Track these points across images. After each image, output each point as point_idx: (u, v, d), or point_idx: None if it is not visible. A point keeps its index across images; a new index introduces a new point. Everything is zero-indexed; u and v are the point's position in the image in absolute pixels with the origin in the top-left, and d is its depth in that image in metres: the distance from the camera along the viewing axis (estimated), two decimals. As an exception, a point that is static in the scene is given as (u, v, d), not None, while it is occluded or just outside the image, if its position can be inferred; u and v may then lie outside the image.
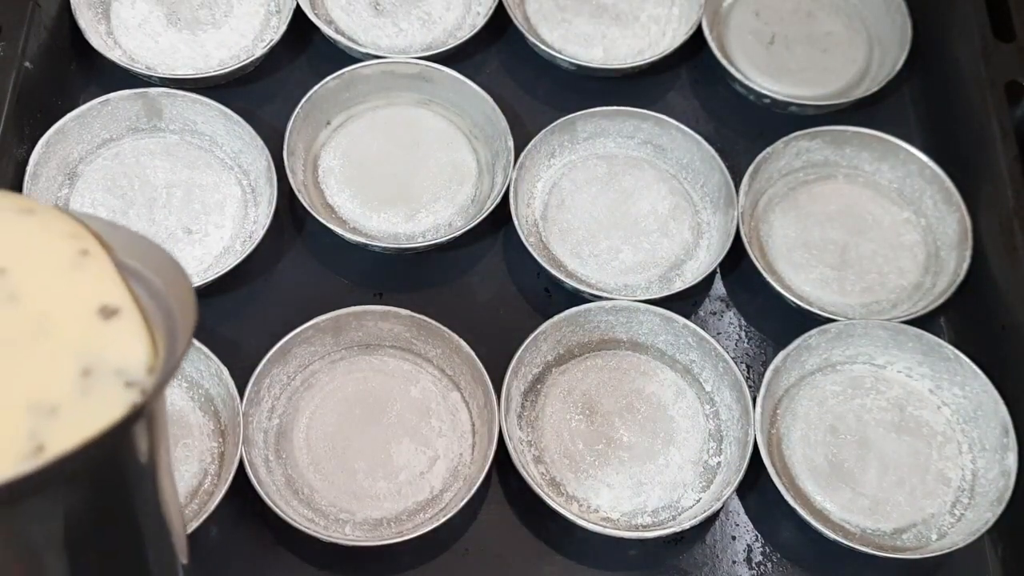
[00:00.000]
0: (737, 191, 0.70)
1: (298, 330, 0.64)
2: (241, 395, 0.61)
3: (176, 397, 0.63)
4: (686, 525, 0.60)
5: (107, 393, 0.31)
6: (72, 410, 0.31)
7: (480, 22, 0.76)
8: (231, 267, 0.66)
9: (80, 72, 0.74)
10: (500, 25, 0.77)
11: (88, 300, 0.33)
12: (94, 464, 0.31)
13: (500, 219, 0.70)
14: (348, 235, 0.68)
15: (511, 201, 0.69)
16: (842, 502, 0.63)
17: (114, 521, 0.35)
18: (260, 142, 0.69)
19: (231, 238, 0.69)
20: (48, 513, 0.32)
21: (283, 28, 0.74)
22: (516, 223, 0.68)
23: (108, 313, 0.33)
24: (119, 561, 0.36)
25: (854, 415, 0.66)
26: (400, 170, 0.72)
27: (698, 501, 0.63)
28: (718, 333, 0.70)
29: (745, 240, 0.69)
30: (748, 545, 0.64)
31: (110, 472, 0.33)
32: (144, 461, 0.34)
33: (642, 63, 0.76)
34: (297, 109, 0.70)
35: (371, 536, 0.60)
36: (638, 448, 0.64)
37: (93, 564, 0.35)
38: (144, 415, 0.32)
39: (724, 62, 0.76)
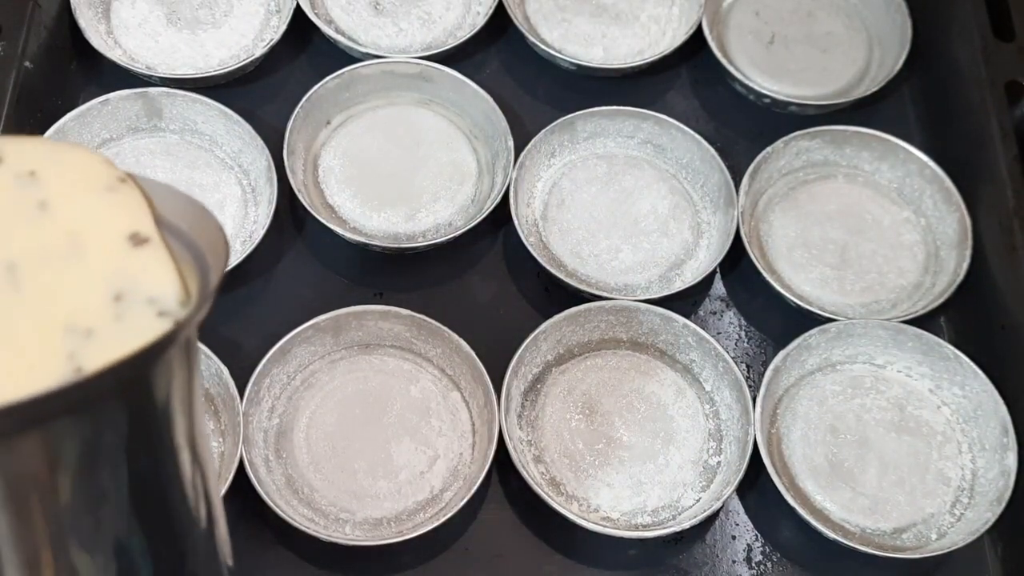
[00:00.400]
0: (737, 191, 0.70)
1: (298, 330, 0.64)
2: (241, 395, 0.61)
3: (176, 397, 0.63)
4: (686, 525, 0.60)
5: (140, 320, 0.31)
6: (107, 334, 0.31)
7: (480, 22, 0.76)
8: (231, 267, 0.66)
9: (80, 72, 0.74)
10: (500, 25, 0.77)
11: (120, 224, 0.34)
12: (130, 387, 0.31)
13: (500, 219, 0.70)
14: (348, 235, 0.68)
15: (511, 201, 0.69)
16: (842, 502, 0.63)
17: (146, 460, 0.34)
18: (260, 142, 0.69)
19: (231, 238, 0.69)
20: (82, 439, 0.32)
21: (283, 28, 0.74)
22: (516, 223, 0.68)
23: (138, 241, 0.33)
24: (150, 518, 0.36)
25: (854, 415, 0.66)
26: (400, 170, 0.72)
27: (698, 501, 0.63)
28: (718, 333, 0.70)
29: (745, 240, 0.69)
30: (748, 545, 0.64)
31: (146, 403, 0.33)
32: (178, 404, 0.34)
33: (642, 63, 0.76)
34: (297, 109, 0.70)
35: (371, 536, 0.61)
36: (638, 448, 0.64)
37: (120, 503, 0.34)
38: (177, 344, 0.32)
39: (724, 62, 0.76)
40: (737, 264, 0.71)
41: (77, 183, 0.35)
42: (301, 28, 0.76)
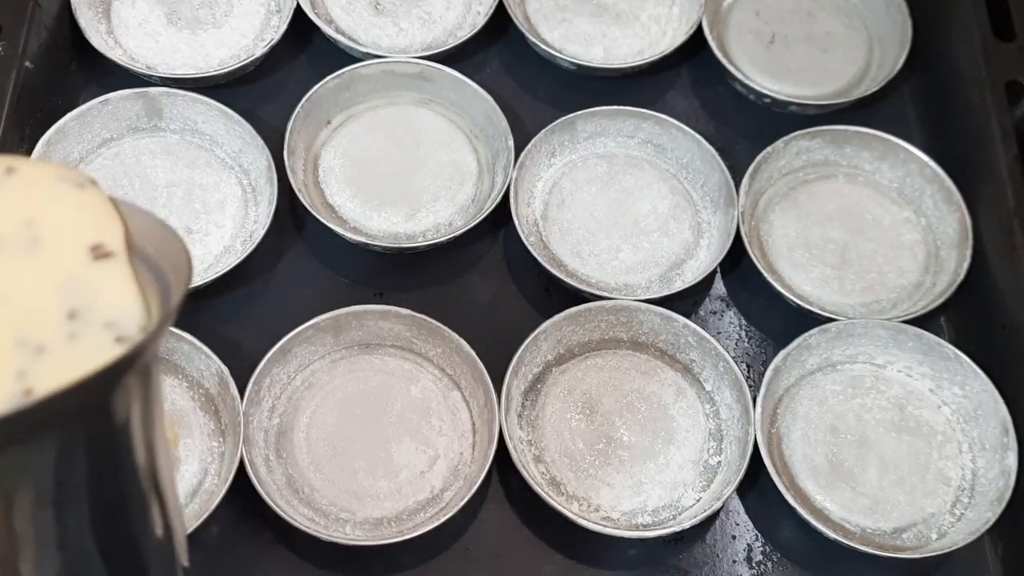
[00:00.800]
0: (737, 191, 0.70)
1: (298, 330, 0.64)
2: (241, 395, 0.61)
3: (177, 397, 0.63)
4: (686, 525, 0.60)
5: (96, 343, 0.30)
6: (59, 354, 0.30)
7: (480, 22, 0.76)
8: (231, 267, 0.66)
9: (80, 72, 0.74)
10: (500, 25, 0.77)
11: (84, 230, 0.32)
12: (83, 413, 0.30)
13: (500, 219, 0.70)
14: (348, 235, 0.68)
15: (511, 201, 0.69)
16: (842, 501, 0.63)
17: (103, 489, 0.33)
18: (260, 142, 0.69)
19: (231, 238, 0.69)
20: (34, 467, 0.30)
21: (283, 28, 0.74)
22: (516, 223, 0.68)
23: (100, 254, 0.32)
24: (109, 537, 0.35)
25: (854, 414, 0.66)
26: (400, 170, 0.72)
27: (698, 500, 0.63)
28: (718, 332, 0.70)
29: (745, 240, 0.69)
30: (748, 544, 0.64)
31: (100, 429, 0.31)
32: (136, 429, 0.32)
33: (642, 63, 0.76)
34: (297, 109, 0.70)
35: (371, 535, 0.61)
36: (638, 447, 0.64)
37: (77, 531, 0.33)
38: (135, 370, 0.30)
39: (724, 62, 0.76)
40: (737, 264, 0.71)
41: (47, 171, 0.34)
42: (301, 28, 0.76)
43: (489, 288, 0.70)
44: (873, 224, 0.73)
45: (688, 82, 0.79)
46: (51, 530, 0.32)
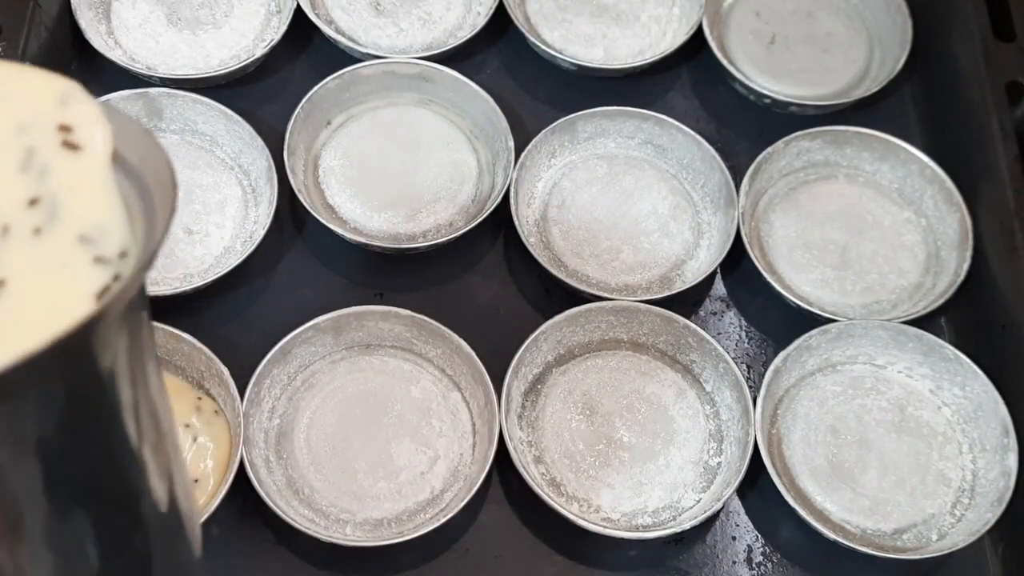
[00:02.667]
0: (737, 191, 0.70)
1: (298, 330, 0.64)
2: (241, 395, 0.61)
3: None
4: (686, 525, 0.60)
5: (66, 256, 0.27)
6: (24, 245, 0.27)
7: (480, 22, 0.76)
8: (232, 267, 0.66)
9: (80, 72, 0.74)
10: (501, 25, 0.77)
11: (52, 107, 0.29)
12: (58, 365, 0.27)
13: (500, 219, 0.70)
14: (348, 235, 0.68)
15: (511, 201, 0.69)
16: (842, 502, 0.63)
17: (90, 451, 0.30)
18: (260, 142, 0.69)
19: (232, 238, 0.69)
20: (16, 425, 0.28)
21: (283, 28, 0.74)
22: (516, 223, 0.68)
23: (71, 144, 0.29)
24: (101, 506, 0.32)
25: (854, 415, 0.66)
26: (401, 170, 0.72)
27: (698, 501, 0.63)
28: (718, 333, 0.70)
29: (745, 240, 0.69)
30: (748, 545, 0.64)
31: (78, 381, 0.28)
32: (122, 379, 0.29)
33: (643, 63, 0.76)
34: (297, 109, 0.70)
35: (371, 536, 0.61)
36: (638, 448, 0.64)
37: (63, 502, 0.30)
38: (119, 311, 0.27)
39: (724, 62, 0.76)
40: (738, 265, 0.71)
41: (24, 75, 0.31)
42: (301, 28, 0.76)
43: (489, 288, 0.70)
44: (873, 225, 0.73)
45: (688, 82, 0.79)
46: (36, 499, 0.30)
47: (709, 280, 0.71)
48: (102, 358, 0.28)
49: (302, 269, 0.70)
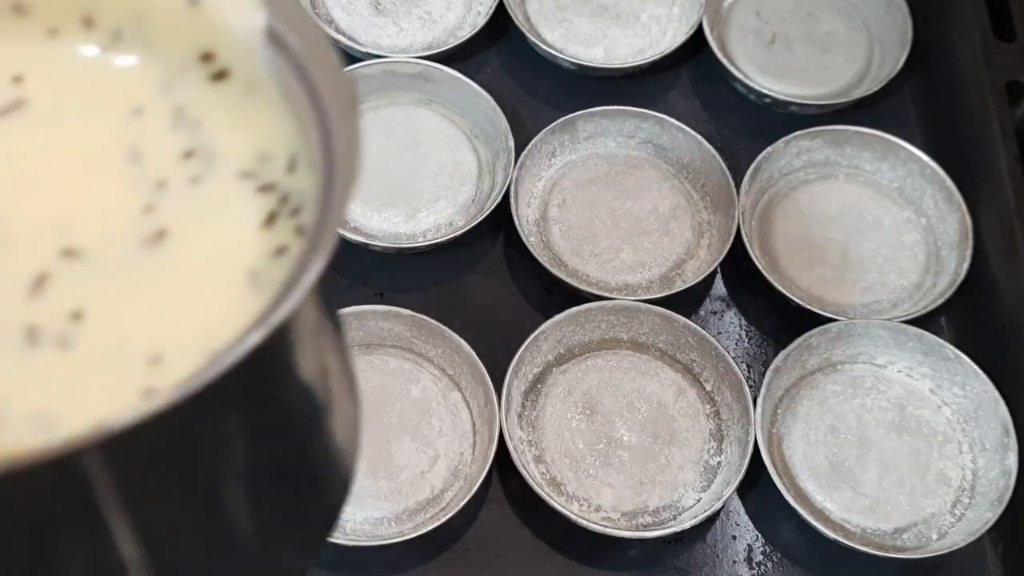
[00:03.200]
0: (737, 191, 0.70)
1: (298, 330, 0.63)
2: (242, 395, 0.61)
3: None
4: (686, 525, 0.60)
5: (227, 196, 0.26)
6: (184, 196, 0.26)
7: (481, 22, 0.76)
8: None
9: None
10: (501, 25, 0.77)
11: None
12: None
13: (500, 219, 0.70)
14: (348, 235, 0.68)
15: (511, 201, 0.69)
16: (842, 502, 0.63)
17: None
18: (260, 142, 0.69)
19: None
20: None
21: (283, 28, 0.74)
22: (516, 223, 0.68)
23: (220, 75, 0.28)
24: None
25: (854, 415, 0.66)
26: (400, 169, 0.72)
27: (699, 501, 0.63)
28: (719, 333, 0.70)
29: (746, 240, 0.69)
30: (748, 545, 0.64)
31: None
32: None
33: (643, 63, 0.76)
34: (297, 109, 0.70)
35: (371, 536, 0.61)
36: (638, 448, 0.64)
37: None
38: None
39: (725, 62, 0.76)
40: (738, 264, 0.71)
41: None
42: (301, 28, 0.76)
43: (489, 288, 0.70)
44: (873, 224, 0.73)
45: (688, 82, 0.79)
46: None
47: (709, 280, 0.71)
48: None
49: (302, 269, 0.70)
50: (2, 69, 0.30)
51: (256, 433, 0.27)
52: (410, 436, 0.63)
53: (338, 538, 0.59)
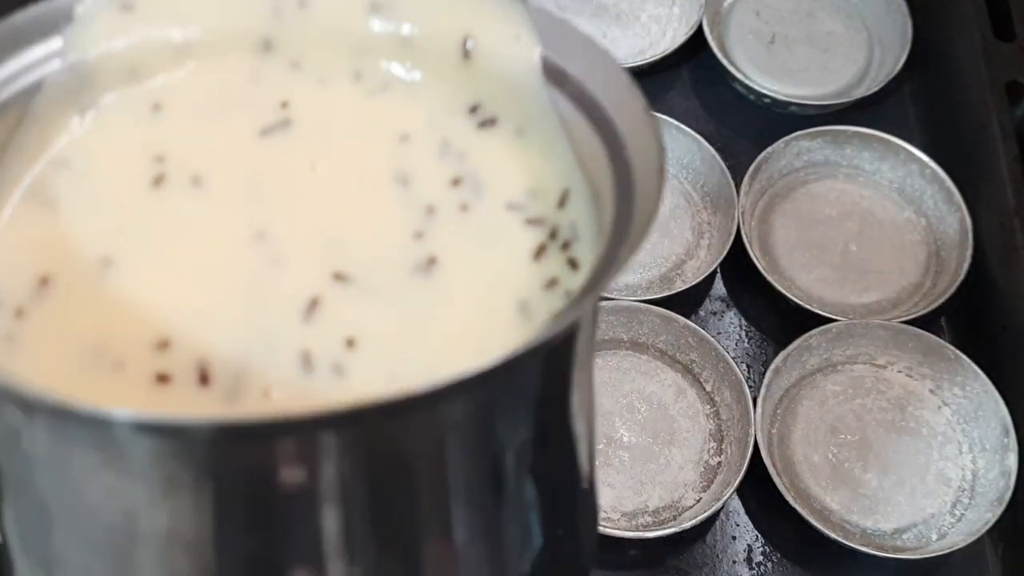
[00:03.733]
0: (737, 191, 0.70)
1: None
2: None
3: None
4: (686, 525, 0.60)
5: (496, 226, 0.27)
6: (452, 222, 0.27)
7: (480, 22, 0.76)
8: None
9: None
10: (500, 25, 0.77)
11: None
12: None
13: (500, 219, 0.70)
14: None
15: (511, 201, 0.69)
16: (842, 502, 0.63)
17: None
18: (260, 142, 0.69)
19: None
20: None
21: (283, 28, 0.74)
22: (516, 223, 0.68)
23: (487, 122, 0.29)
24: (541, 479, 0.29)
25: (854, 415, 0.66)
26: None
27: (698, 501, 0.63)
28: (718, 333, 0.70)
29: (746, 240, 0.69)
30: (748, 545, 0.64)
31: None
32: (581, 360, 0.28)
33: (642, 63, 0.76)
34: (297, 109, 0.70)
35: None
36: (638, 448, 0.64)
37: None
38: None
39: (725, 62, 0.76)
40: (738, 264, 0.71)
41: None
42: (301, 28, 0.76)
43: (489, 288, 0.70)
44: (873, 224, 0.73)
45: (688, 82, 0.79)
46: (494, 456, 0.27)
47: (709, 280, 0.71)
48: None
49: (302, 269, 0.70)
50: (269, 97, 0.32)
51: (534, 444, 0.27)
52: (410, 436, 0.63)
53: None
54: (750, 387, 0.64)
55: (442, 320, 0.27)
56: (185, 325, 0.27)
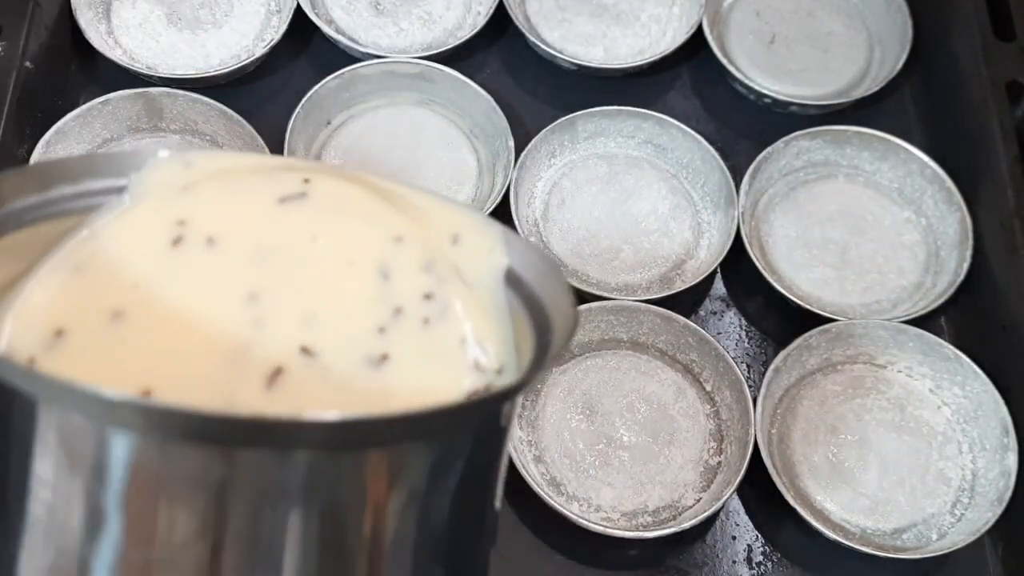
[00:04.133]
0: (737, 191, 0.70)
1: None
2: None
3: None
4: (686, 525, 0.60)
5: (447, 350, 0.31)
6: (412, 332, 0.31)
7: (480, 22, 0.76)
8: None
9: (80, 72, 0.74)
10: (501, 25, 0.77)
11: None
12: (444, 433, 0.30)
13: (500, 219, 0.69)
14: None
15: (511, 201, 0.69)
16: (842, 502, 0.63)
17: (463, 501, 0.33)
18: (261, 142, 0.69)
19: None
20: (421, 466, 0.30)
21: (283, 28, 0.74)
22: (516, 223, 0.68)
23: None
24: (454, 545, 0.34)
25: (854, 415, 0.66)
26: (401, 170, 0.72)
27: (698, 501, 0.63)
28: (718, 333, 0.70)
29: (745, 240, 0.69)
30: (748, 545, 0.64)
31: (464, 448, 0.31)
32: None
33: (643, 63, 0.76)
34: (298, 109, 0.70)
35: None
36: (638, 448, 0.64)
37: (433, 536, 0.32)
38: (498, 415, 0.31)
39: (724, 62, 0.76)
40: (738, 264, 0.71)
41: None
42: (301, 28, 0.76)
43: (489, 288, 0.70)
44: (873, 224, 0.73)
45: (688, 82, 0.79)
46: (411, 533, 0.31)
47: (709, 280, 0.71)
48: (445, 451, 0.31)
49: (302, 269, 0.70)
50: (296, 176, 0.36)
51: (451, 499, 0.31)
52: (410, 436, 0.63)
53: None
54: (750, 387, 0.64)
55: (379, 408, 0.31)
56: (168, 376, 0.31)
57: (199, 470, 0.27)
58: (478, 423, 0.31)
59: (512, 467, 0.61)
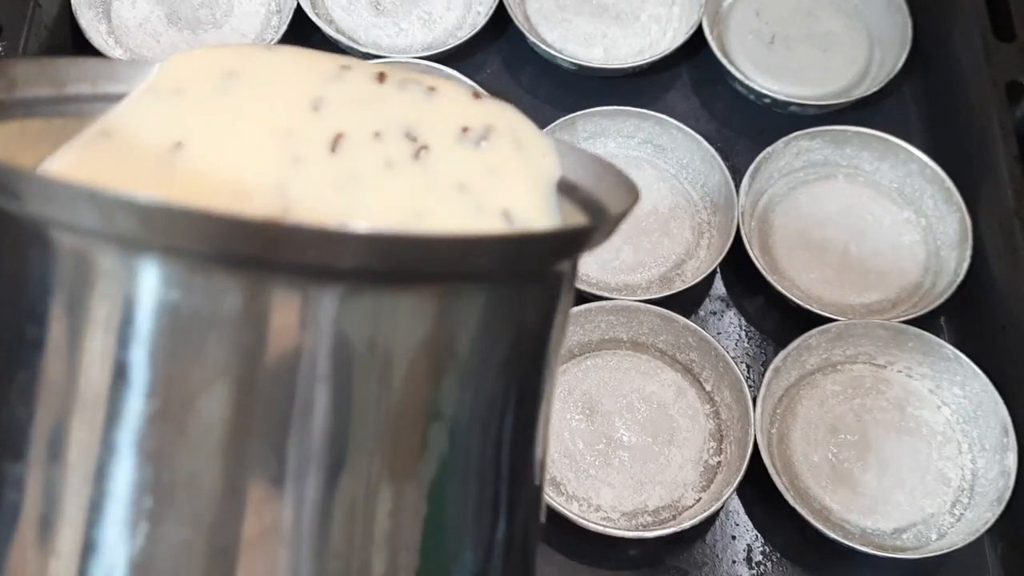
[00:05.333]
0: (737, 191, 0.70)
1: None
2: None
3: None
4: (686, 525, 0.60)
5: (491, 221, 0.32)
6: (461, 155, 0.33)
7: (481, 22, 0.76)
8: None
9: (81, 72, 0.74)
10: (500, 25, 0.77)
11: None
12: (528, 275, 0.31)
13: (500, 219, 0.70)
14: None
15: (511, 201, 0.69)
16: (842, 502, 0.63)
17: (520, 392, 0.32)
18: (260, 142, 0.69)
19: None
20: (476, 318, 0.30)
21: (283, 28, 0.74)
22: (516, 223, 0.68)
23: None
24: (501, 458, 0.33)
25: (854, 415, 0.66)
26: (400, 170, 0.72)
27: (698, 501, 0.63)
28: (718, 333, 0.70)
29: (745, 240, 0.69)
30: (748, 545, 0.64)
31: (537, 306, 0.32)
32: (555, 338, 0.33)
33: (642, 63, 0.76)
34: (297, 109, 0.70)
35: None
36: (638, 448, 0.64)
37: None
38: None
39: (724, 62, 0.76)
40: (737, 264, 0.71)
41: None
42: (301, 28, 0.76)
43: (489, 288, 0.70)
44: (873, 224, 0.73)
45: (688, 82, 0.79)
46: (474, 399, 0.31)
47: (709, 280, 0.71)
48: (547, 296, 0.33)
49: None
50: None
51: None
52: (410, 436, 0.63)
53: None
54: (750, 387, 0.64)
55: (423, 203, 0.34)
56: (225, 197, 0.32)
57: (237, 304, 0.26)
58: (543, 271, 0.32)
59: (512, 467, 0.61)
